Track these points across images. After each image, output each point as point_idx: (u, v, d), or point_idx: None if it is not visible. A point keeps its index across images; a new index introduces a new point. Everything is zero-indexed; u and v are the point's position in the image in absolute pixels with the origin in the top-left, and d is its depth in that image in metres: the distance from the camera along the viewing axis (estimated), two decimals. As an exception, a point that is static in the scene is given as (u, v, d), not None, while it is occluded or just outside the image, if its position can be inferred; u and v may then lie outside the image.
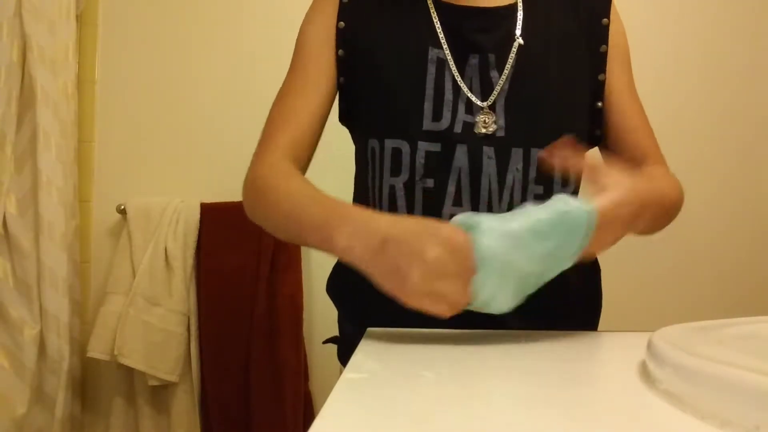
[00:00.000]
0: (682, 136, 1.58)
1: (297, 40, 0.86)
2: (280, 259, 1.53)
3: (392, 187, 0.78)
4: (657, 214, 0.71)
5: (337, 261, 0.94)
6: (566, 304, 0.82)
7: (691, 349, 0.41)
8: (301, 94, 0.82)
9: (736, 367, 0.36)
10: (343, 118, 0.87)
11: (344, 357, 0.92)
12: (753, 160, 1.63)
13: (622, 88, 0.83)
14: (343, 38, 0.82)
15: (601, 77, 0.82)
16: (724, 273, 1.61)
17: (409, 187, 0.77)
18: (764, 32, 1.64)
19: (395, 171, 0.78)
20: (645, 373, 0.47)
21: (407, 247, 0.55)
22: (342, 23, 0.82)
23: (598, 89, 0.82)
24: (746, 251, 1.61)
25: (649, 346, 0.46)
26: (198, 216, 1.54)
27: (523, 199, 0.78)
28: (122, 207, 1.58)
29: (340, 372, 0.92)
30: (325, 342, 0.99)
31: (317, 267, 1.61)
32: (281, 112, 0.82)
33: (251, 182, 0.78)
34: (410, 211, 0.77)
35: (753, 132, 1.63)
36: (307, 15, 0.86)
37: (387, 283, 0.58)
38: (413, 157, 0.77)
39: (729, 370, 0.36)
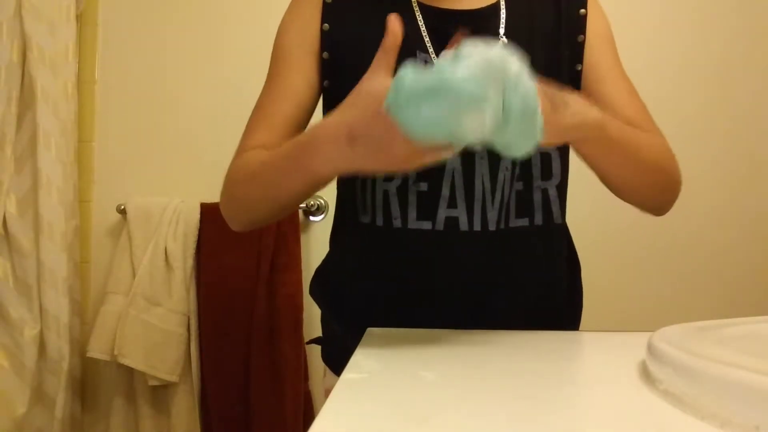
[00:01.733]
0: (682, 134, 1.58)
1: (274, 44, 0.84)
2: (280, 259, 1.53)
3: (386, 192, 0.78)
4: (609, 141, 0.67)
5: (321, 264, 0.94)
6: (553, 302, 0.83)
7: (691, 349, 0.41)
8: (276, 100, 0.80)
9: (736, 367, 0.36)
10: None
11: (330, 358, 0.91)
12: (753, 160, 1.63)
13: (604, 72, 0.82)
14: (328, 40, 0.80)
15: (578, 67, 0.82)
16: (725, 273, 1.61)
17: (403, 191, 0.77)
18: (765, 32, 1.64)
19: (388, 176, 0.78)
20: (645, 373, 0.47)
21: (374, 132, 0.54)
22: (326, 25, 0.80)
23: (575, 79, 0.82)
24: (747, 251, 1.61)
25: (649, 346, 0.46)
26: (198, 216, 1.54)
27: (510, 196, 0.78)
28: (122, 207, 1.58)
29: (324, 373, 0.92)
30: (308, 343, 0.99)
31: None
32: (254, 120, 0.81)
33: (223, 184, 0.78)
34: (404, 214, 0.77)
35: (751, 130, 1.63)
36: (285, 18, 0.85)
37: (379, 167, 0.58)
38: None
39: (729, 370, 0.36)
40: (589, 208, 0.86)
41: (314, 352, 1.57)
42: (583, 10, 0.82)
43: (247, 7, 1.66)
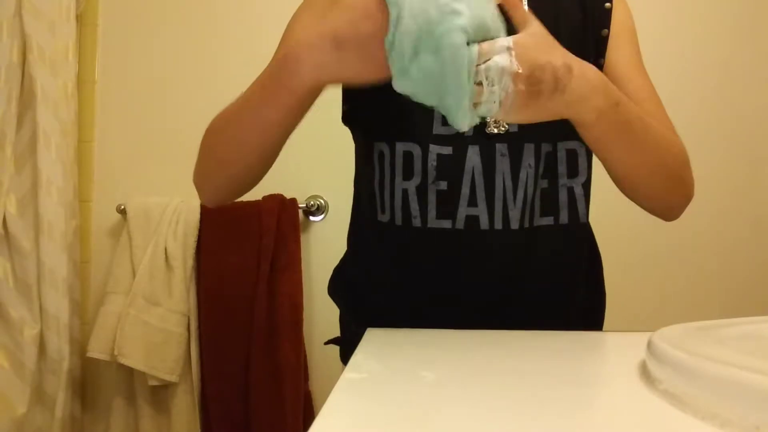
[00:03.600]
0: (687, 135, 1.58)
1: (285, 29, 0.83)
2: (280, 259, 1.53)
3: (405, 191, 0.77)
4: (615, 115, 0.65)
5: (339, 263, 0.94)
6: (570, 302, 0.82)
7: (691, 349, 0.41)
8: None
9: (736, 367, 0.36)
10: (347, 120, 0.86)
11: (348, 358, 0.91)
12: (756, 161, 1.63)
13: (625, 69, 0.81)
14: None
15: (600, 62, 0.81)
16: (725, 273, 1.61)
17: (422, 190, 0.77)
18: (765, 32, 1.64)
19: (407, 174, 0.77)
20: (645, 373, 0.47)
21: (362, 33, 0.56)
22: None
23: None
24: (747, 251, 1.61)
25: (649, 346, 0.46)
26: (198, 216, 1.54)
27: (534, 195, 0.77)
28: (122, 207, 1.58)
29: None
30: (327, 343, 0.98)
31: (317, 267, 1.61)
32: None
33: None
34: (424, 213, 0.77)
35: (756, 131, 1.63)
36: (299, 13, 0.84)
37: (365, 75, 0.59)
38: (425, 161, 0.76)
39: (729, 370, 0.36)
40: (590, 210, 0.85)
41: (315, 352, 1.58)
42: (608, 4, 0.82)
43: (248, 7, 1.66)
